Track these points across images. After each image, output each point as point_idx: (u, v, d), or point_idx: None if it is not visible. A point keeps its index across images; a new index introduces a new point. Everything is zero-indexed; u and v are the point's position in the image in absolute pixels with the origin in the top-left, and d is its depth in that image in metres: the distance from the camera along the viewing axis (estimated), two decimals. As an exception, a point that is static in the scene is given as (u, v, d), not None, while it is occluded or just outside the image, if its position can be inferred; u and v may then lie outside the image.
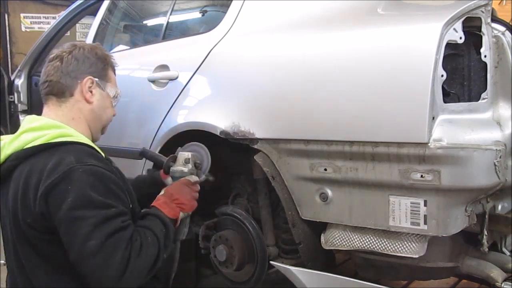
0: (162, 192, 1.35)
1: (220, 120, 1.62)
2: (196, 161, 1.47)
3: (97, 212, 1.08)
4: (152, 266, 1.16)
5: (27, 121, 1.27)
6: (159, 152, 1.84)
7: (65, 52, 1.29)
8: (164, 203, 1.30)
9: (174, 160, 1.47)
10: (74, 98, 1.28)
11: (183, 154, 1.46)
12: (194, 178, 1.42)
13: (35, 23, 6.34)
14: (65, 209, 1.07)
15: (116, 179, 1.19)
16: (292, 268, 1.58)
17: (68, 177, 1.09)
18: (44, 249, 1.15)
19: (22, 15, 6.25)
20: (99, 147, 1.29)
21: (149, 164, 1.90)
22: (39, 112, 1.32)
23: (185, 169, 1.43)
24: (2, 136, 1.28)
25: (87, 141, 1.25)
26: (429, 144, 1.21)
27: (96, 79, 1.31)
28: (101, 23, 2.58)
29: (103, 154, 1.27)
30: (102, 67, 1.33)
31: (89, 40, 2.58)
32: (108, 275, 1.07)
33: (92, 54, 1.31)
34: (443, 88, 1.24)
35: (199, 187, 1.43)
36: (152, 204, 1.31)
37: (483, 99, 1.30)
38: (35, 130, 1.21)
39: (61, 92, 1.27)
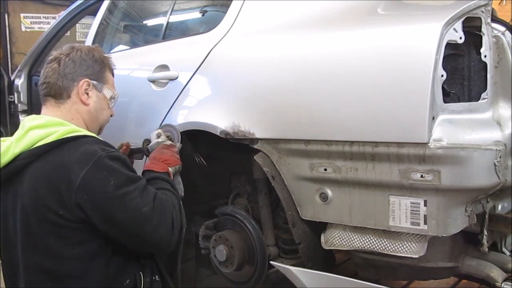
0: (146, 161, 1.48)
1: (220, 120, 1.62)
2: (167, 135, 1.62)
3: (136, 185, 1.22)
4: (181, 215, 1.32)
5: (29, 119, 1.29)
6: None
7: (63, 54, 1.33)
8: (151, 164, 1.45)
9: (149, 141, 1.61)
10: (71, 99, 1.32)
11: (154, 132, 1.61)
12: (168, 142, 1.55)
13: (35, 23, 6.34)
14: (111, 190, 1.17)
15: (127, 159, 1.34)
16: (292, 268, 1.58)
17: (100, 165, 1.18)
18: (76, 238, 1.21)
19: (22, 15, 6.25)
20: None
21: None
22: (38, 112, 1.33)
23: (160, 140, 1.57)
24: (2, 138, 1.28)
25: (94, 134, 1.32)
26: (429, 144, 1.21)
27: (93, 81, 1.35)
28: (101, 23, 2.58)
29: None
30: (99, 69, 1.38)
31: (89, 40, 2.59)
32: (165, 231, 1.24)
33: (89, 57, 1.36)
34: (443, 88, 1.24)
35: (176, 149, 1.56)
36: (143, 169, 1.44)
37: (483, 99, 1.30)
38: (42, 127, 1.24)
39: (58, 94, 1.31)
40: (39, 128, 1.24)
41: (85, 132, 1.28)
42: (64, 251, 1.20)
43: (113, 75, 1.46)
